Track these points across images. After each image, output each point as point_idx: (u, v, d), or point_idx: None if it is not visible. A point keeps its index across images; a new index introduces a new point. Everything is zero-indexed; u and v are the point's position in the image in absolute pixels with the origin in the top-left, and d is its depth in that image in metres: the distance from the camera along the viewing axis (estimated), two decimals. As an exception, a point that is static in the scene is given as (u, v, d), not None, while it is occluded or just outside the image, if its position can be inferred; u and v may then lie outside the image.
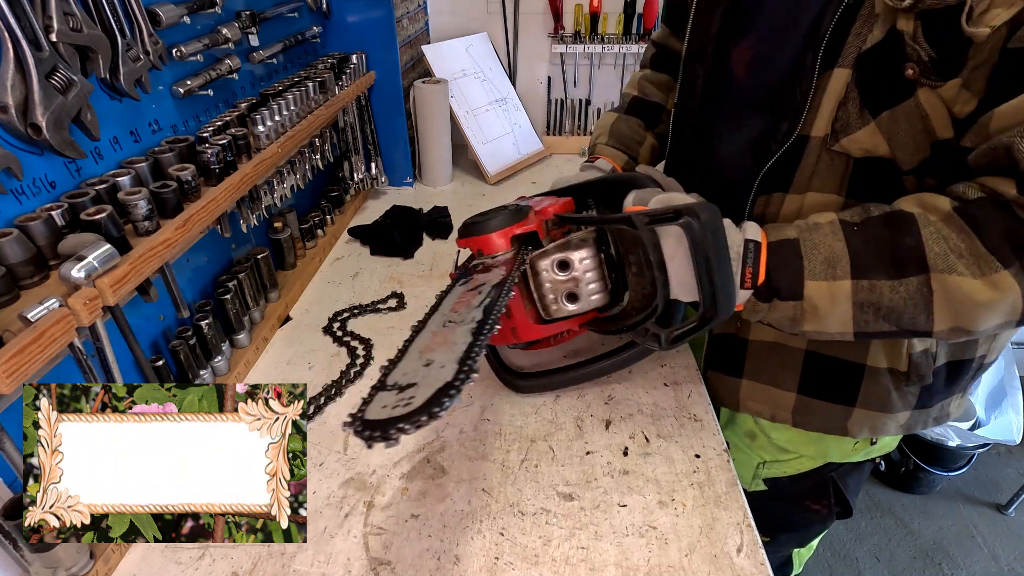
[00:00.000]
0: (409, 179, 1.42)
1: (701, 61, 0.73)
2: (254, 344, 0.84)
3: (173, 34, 0.71)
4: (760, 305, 0.57)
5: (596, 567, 0.55)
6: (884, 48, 0.54)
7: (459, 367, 0.39)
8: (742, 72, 0.71)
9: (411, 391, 0.39)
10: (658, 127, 0.94)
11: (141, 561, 0.57)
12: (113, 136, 0.64)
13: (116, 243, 0.54)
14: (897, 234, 0.52)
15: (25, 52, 0.49)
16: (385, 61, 1.24)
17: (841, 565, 1.65)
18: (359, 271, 1.06)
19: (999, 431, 1.73)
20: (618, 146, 0.92)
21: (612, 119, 0.96)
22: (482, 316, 0.48)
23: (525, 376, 0.77)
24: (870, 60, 0.55)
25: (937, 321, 0.51)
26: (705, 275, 0.53)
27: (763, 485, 0.88)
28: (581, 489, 0.63)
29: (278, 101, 0.86)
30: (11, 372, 0.42)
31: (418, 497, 0.62)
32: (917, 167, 0.57)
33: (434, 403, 0.36)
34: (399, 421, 0.35)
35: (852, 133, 0.58)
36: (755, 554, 0.56)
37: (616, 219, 0.58)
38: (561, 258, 0.62)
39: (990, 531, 1.75)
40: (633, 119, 0.94)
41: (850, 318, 0.53)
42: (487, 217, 0.67)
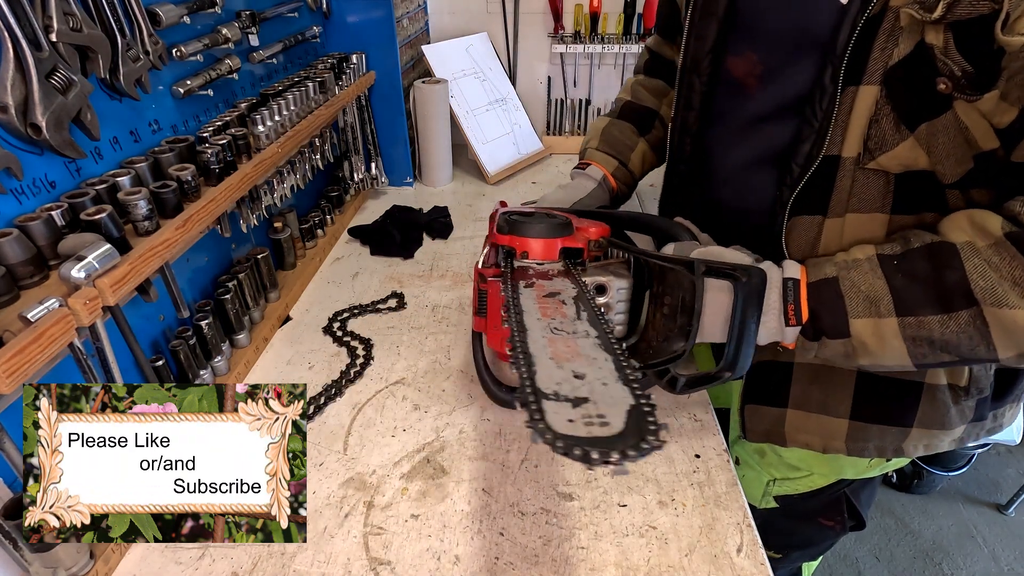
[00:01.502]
0: (409, 179, 1.42)
1: (698, 74, 0.71)
2: (254, 344, 0.84)
3: (173, 34, 0.71)
4: (809, 343, 0.56)
5: (596, 567, 0.55)
6: (913, 61, 0.51)
7: (631, 390, 0.38)
8: (753, 85, 0.67)
9: (589, 407, 0.37)
10: (651, 133, 0.92)
11: (141, 561, 0.57)
12: (113, 136, 0.64)
13: (116, 243, 0.54)
14: (939, 268, 0.50)
15: (25, 52, 0.49)
16: (385, 61, 1.24)
17: (841, 565, 1.65)
18: (359, 271, 1.06)
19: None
20: (609, 151, 0.90)
21: (604, 123, 0.94)
22: (597, 332, 0.48)
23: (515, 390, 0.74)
24: (900, 74, 0.53)
25: (1000, 350, 0.49)
26: (736, 333, 0.56)
27: (774, 503, 0.83)
28: (581, 489, 0.63)
29: (278, 101, 0.86)
30: (11, 372, 0.42)
31: (418, 497, 0.62)
32: (961, 180, 0.54)
33: (640, 429, 0.34)
34: (614, 447, 0.33)
35: (890, 150, 0.55)
36: (755, 554, 0.56)
37: (678, 260, 0.58)
38: (602, 282, 0.63)
39: (990, 531, 1.75)
40: (626, 124, 0.92)
41: (904, 352, 0.52)
42: (532, 220, 0.66)
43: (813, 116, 0.58)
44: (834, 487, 0.79)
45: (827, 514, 0.83)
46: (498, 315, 0.62)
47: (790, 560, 0.97)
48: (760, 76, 0.66)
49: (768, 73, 0.65)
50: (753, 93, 0.68)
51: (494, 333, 0.66)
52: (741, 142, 0.70)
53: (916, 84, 0.52)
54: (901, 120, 0.54)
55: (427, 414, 0.73)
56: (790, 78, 0.63)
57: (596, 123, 0.96)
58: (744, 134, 0.70)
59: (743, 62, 0.67)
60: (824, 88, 0.56)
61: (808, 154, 0.59)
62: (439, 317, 0.92)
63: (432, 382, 0.79)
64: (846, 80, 0.55)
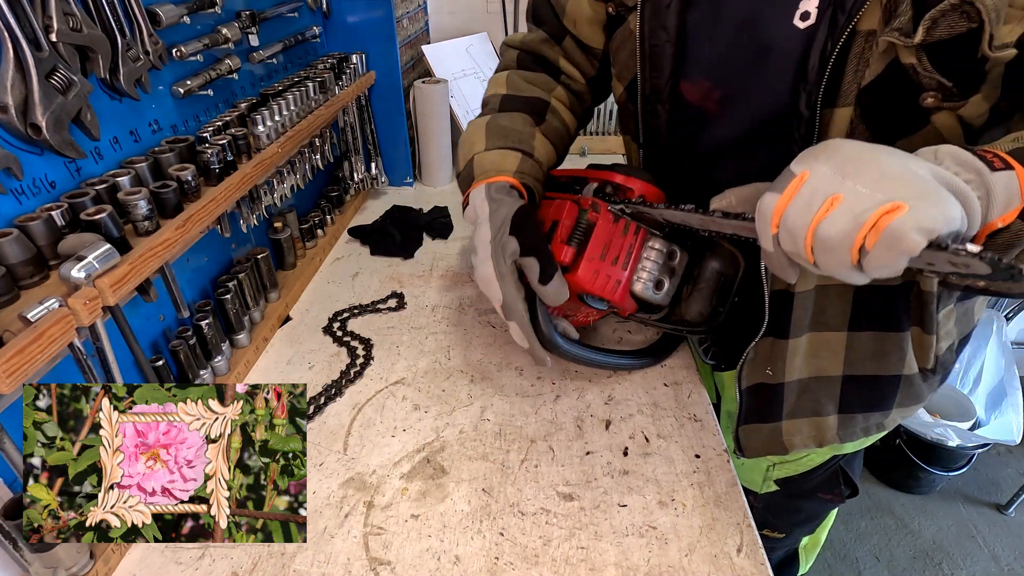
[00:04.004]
0: (409, 179, 1.42)
1: (661, 103, 0.69)
2: (254, 344, 0.84)
3: (173, 34, 0.71)
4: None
5: (596, 567, 0.55)
6: (886, 81, 0.52)
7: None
8: (713, 110, 0.67)
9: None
10: (545, 124, 0.78)
11: (141, 561, 0.57)
12: (113, 136, 0.64)
13: (116, 243, 0.54)
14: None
15: (25, 52, 0.49)
16: (385, 61, 1.24)
17: (841, 565, 1.65)
18: (359, 271, 1.07)
19: (999, 431, 1.73)
20: (506, 145, 0.72)
21: (481, 124, 0.76)
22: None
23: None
24: (873, 94, 0.54)
25: None
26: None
27: (775, 486, 0.87)
28: (581, 489, 0.63)
29: (278, 101, 0.86)
30: (11, 372, 0.42)
31: (418, 497, 0.62)
32: None
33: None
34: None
35: None
36: (755, 554, 0.56)
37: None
38: (673, 249, 0.69)
39: (990, 531, 1.75)
40: (515, 114, 0.77)
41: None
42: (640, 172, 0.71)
43: (792, 142, 0.59)
44: (829, 462, 0.83)
45: (826, 488, 0.87)
46: (599, 248, 0.66)
47: (792, 537, 1.02)
48: (719, 101, 0.66)
49: (728, 97, 0.65)
50: (714, 118, 0.67)
51: (590, 266, 0.66)
52: (714, 167, 0.70)
53: (890, 102, 0.53)
54: (875, 138, 0.55)
55: (427, 414, 0.73)
56: (755, 102, 0.63)
57: (467, 132, 0.78)
58: (715, 160, 0.70)
59: (695, 88, 0.67)
60: (800, 115, 0.57)
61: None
62: (439, 317, 0.93)
63: (432, 382, 0.79)
64: (822, 104, 0.55)
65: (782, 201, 0.42)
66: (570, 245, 0.66)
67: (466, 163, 0.74)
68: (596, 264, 0.66)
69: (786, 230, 0.42)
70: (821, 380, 0.70)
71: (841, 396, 0.71)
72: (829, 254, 0.40)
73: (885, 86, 0.53)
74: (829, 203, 0.40)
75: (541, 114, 0.78)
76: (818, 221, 0.40)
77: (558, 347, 0.68)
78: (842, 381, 0.70)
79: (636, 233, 0.68)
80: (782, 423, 0.73)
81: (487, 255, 0.64)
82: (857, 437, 0.74)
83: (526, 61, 0.85)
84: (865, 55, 0.52)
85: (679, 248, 0.70)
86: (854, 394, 0.71)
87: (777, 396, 0.72)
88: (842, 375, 0.69)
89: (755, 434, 0.75)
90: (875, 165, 0.40)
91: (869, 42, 0.52)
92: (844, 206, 0.39)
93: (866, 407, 0.72)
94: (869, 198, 0.38)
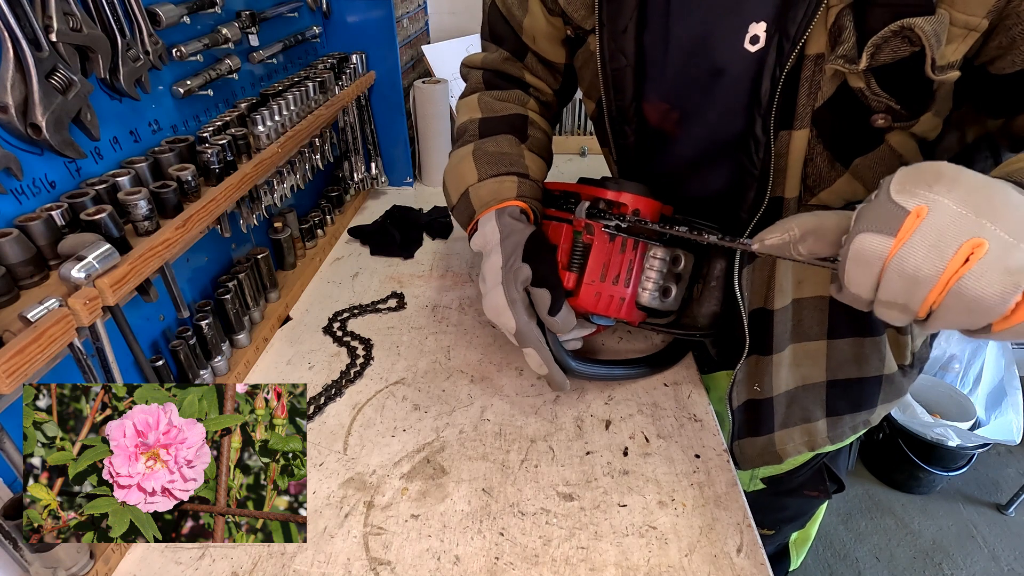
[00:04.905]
0: (409, 179, 1.42)
1: (627, 123, 0.70)
2: (254, 344, 0.84)
3: (173, 34, 0.71)
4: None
5: (596, 567, 0.55)
6: (839, 102, 0.53)
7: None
8: (673, 131, 0.68)
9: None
10: (529, 140, 0.76)
11: (141, 561, 0.57)
12: (113, 136, 0.64)
13: (116, 243, 0.54)
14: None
15: (25, 52, 0.49)
16: (385, 61, 1.24)
17: (841, 565, 1.65)
18: (359, 271, 1.07)
19: (999, 431, 1.73)
20: (499, 171, 0.70)
21: (467, 154, 0.73)
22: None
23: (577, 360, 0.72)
24: (827, 115, 0.54)
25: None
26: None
27: (761, 484, 0.89)
28: (581, 489, 0.63)
29: (278, 101, 0.86)
30: (11, 372, 0.42)
31: (418, 497, 0.62)
32: None
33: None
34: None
35: (828, 186, 0.58)
36: (755, 554, 0.56)
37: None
38: (676, 255, 0.69)
39: (990, 531, 1.75)
40: (499, 137, 0.74)
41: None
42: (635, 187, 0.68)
43: (752, 165, 0.59)
44: (813, 460, 0.85)
45: (811, 485, 0.89)
46: (598, 270, 0.65)
47: (781, 534, 1.06)
48: (678, 122, 0.67)
49: (685, 118, 0.66)
50: (674, 139, 0.68)
51: (591, 288, 0.65)
52: (680, 186, 0.71)
53: (844, 122, 0.54)
54: (835, 157, 0.56)
55: (427, 414, 0.73)
56: (712, 123, 0.63)
57: (452, 163, 0.76)
58: (681, 179, 0.71)
59: (654, 110, 0.68)
60: (757, 139, 0.57)
61: (754, 201, 0.62)
62: (439, 317, 0.93)
63: (432, 382, 0.79)
64: (777, 126, 0.56)
65: (895, 244, 0.34)
66: (571, 271, 0.66)
67: (460, 196, 0.71)
68: (597, 286, 0.65)
69: (901, 277, 0.34)
70: (807, 388, 0.73)
71: (827, 400, 0.73)
72: (968, 315, 0.33)
73: (838, 108, 0.53)
74: (968, 250, 0.32)
75: (523, 131, 0.77)
76: (955, 273, 0.33)
77: (573, 370, 0.69)
78: (827, 386, 0.72)
79: (635, 248, 0.67)
80: (774, 435, 0.76)
81: (497, 282, 0.62)
82: (847, 436, 0.76)
83: (493, 80, 0.83)
84: (816, 78, 0.53)
85: (682, 252, 0.70)
86: (840, 397, 0.73)
87: (767, 410, 0.74)
88: (826, 380, 0.72)
89: (749, 447, 0.78)
90: (1011, 206, 0.33)
91: (818, 65, 0.52)
92: (991, 258, 0.32)
93: (852, 408, 0.74)
94: (1019, 249, 0.32)
